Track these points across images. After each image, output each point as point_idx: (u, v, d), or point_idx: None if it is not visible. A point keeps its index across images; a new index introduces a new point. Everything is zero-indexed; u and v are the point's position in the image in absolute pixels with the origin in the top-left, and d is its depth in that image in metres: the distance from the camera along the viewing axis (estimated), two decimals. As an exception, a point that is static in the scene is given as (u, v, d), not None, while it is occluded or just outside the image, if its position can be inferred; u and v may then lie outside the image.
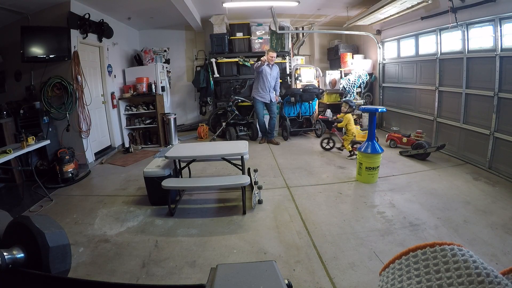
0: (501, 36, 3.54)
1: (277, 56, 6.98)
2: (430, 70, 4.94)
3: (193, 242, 2.52)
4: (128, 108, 6.07)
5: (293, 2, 5.58)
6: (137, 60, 6.82)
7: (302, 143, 5.68)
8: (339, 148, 4.97)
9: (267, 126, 5.88)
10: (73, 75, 4.44)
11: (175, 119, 6.05)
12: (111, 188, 3.89)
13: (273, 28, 6.57)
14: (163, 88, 6.41)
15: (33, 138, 3.46)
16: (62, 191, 3.89)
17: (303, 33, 7.49)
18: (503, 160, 3.66)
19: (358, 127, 5.60)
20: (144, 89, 5.93)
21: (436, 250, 0.38)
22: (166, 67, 7.07)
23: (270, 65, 5.57)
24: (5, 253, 0.52)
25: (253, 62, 6.82)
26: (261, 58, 5.42)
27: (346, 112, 4.68)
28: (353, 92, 6.42)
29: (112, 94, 5.70)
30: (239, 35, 6.72)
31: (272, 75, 5.63)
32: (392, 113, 6.18)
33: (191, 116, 7.85)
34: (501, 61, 3.57)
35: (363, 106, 4.67)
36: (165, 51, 7.29)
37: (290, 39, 7.14)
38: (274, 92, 5.80)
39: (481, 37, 3.88)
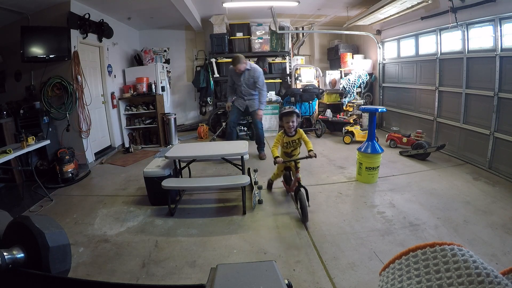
0: (501, 36, 3.54)
1: (277, 56, 7.02)
2: (430, 70, 4.94)
3: (193, 242, 2.52)
4: (128, 108, 6.06)
5: (293, 2, 5.58)
6: (137, 60, 6.82)
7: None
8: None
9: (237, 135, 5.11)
10: (73, 75, 4.44)
11: (175, 119, 6.05)
12: (111, 188, 3.89)
13: (273, 28, 6.57)
14: (163, 88, 6.41)
15: (33, 138, 3.46)
16: (62, 191, 3.89)
17: (303, 33, 7.49)
18: (503, 160, 3.66)
19: (358, 127, 5.60)
20: (144, 89, 5.93)
21: (436, 250, 0.38)
22: (166, 67, 7.07)
23: (243, 71, 4.49)
24: (5, 253, 0.52)
25: (253, 62, 6.83)
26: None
27: (297, 126, 3.10)
28: (353, 92, 6.42)
29: (112, 94, 5.70)
30: (239, 35, 6.72)
31: (243, 79, 4.52)
32: (392, 113, 6.18)
33: (191, 116, 7.85)
34: (501, 61, 3.57)
35: (363, 106, 4.68)
36: (165, 51, 7.29)
37: (290, 39, 7.14)
38: (257, 101, 4.63)
39: (481, 37, 3.88)
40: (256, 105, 4.61)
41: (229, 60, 6.64)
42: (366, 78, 6.44)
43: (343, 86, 6.41)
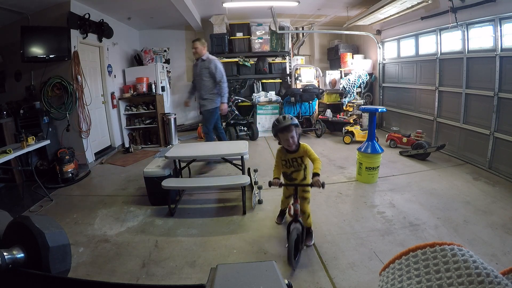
0: (501, 36, 3.54)
1: (277, 56, 7.01)
2: (430, 70, 4.94)
3: (193, 242, 2.52)
4: (128, 108, 6.07)
5: (293, 2, 5.58)
6: (137, 60, 6.82)
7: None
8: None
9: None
10: (73, 75, 4.44)
11: (175, 119, 6.05)
12: (111, 188, 3.89)
13: (273, 28, 6.57)
14: (163, 88, 6.42)
15: (33, 138, 3.46)
16: (62, 191, 3.89)
17: (303, 33, 7.49)
18: (503, 160, 3.66)
19: (358, 127, 5.60)
20: (144, 89, 5.93)
21: (436, 250, 0.38)
22: (166, 67, 7.07)
23: (198, 61, 4.18)
24: (5, 253, 0.52)
25: (253, 62, 6.84)
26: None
27: (299, 139, 2.26)
28: (353, 92, 6.42)
29: (112, 94, 5.70)
30: (239, 35, 6.72)
31: (198, 69, 4.17)
32: (392, 113, 6.18)
33: (191, 116, 7.85)
34: (501, 61, 3.57)
35: (363, 106, 4.68)
36: (165, 51, 7.29)
37: (290, 39, 7.14)
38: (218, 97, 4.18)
39: (481, 37, 3.88)
40: (208, 105, 4.17)
41: (229, 60, 6.68)
42: (366, 78, 6.44)
43: (343, 86, 6.41)
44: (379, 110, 3.66)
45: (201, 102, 4.27)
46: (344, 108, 6.61)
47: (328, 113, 6.49)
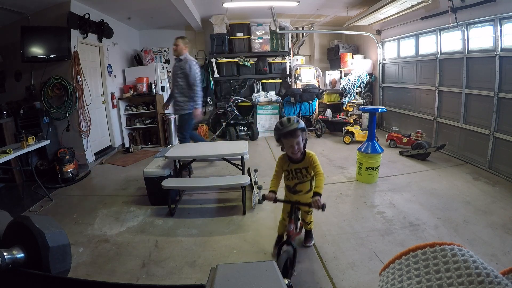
0: (501, 36, 3.54)
1: (277, 56, 7.01)
2: (430, 70, 4.94)
3: (193, 242, 2.52)
4: (128, 108, 6.07)
5: (293, 2, 5.58)
6: (137, 60, 6.82)
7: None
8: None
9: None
10: (73, 75, 4.44)
11: (175, 119, 6.04)
12: (111, 188, 3.89)
13: (273, 28, 6.57)
14: (163, 88, 6.41)
15: (33, 138, 3.46)
16: (62, 191, 3.89)
17: (303, 33, 7.49)
18: (503, 160, 3.66)
19: (358, 127, 5.60)
20: (144, 89, 5.93)
21: (436, 250, 0.38)
22: (166, 67, 7.06)
23: (176, 61, 3.99)
24: (5, 253, 0.52)
25: (253, 62, 6.84)
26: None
27: (305, 145, 1.98)
28: (353, 92, 6.42)
29: (112, 94, 5.70)
30: (239, 35, 6.72)
31: (174, 72, 3.96)
32: (392, 113, 6.18)
33: (191, 116, 7.84)
34: (501, 61, 3.57)
35: (363, 106, 4.69)
36: (165, 51, 7.28)
37: (290, 39, 7.14)
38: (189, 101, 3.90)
39: (481, 37, 3.88)
40: (181, 110, 3.94)
41: (229, 60, 6.68)
42: (366, 78, 6.44)
43: (343, 86, 6.41)
44: (379, 110, 3.66)
45: (174, 106, 4.01)
46: (344, 108, 6.61)
47: (328, 113, 6.49)
